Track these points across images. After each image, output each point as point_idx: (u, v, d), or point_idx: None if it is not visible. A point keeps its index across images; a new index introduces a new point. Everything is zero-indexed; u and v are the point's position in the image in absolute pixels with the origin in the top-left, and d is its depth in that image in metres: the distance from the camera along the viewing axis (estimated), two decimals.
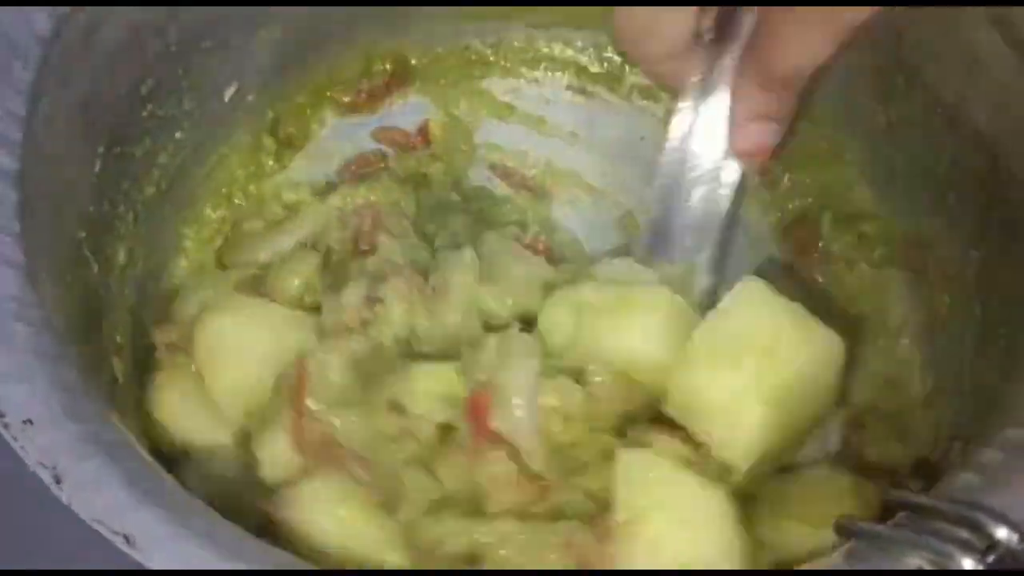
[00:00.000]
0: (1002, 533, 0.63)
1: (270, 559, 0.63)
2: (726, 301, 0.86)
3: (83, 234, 0.87)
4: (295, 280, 0.98)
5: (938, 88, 0.94)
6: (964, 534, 0.63)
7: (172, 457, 0.89)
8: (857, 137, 1.06)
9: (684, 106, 0.92)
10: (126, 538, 0.62)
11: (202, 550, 0.62)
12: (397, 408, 0.85)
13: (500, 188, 1.17)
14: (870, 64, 0.99)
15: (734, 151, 0.92)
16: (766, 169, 1.08)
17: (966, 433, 0.84)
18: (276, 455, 0.86)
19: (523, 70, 1.19)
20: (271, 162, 1.13)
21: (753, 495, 0.84)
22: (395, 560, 0.81)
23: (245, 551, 0.63)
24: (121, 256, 0.95)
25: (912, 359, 1.00)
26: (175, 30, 0.94)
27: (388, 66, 1.16)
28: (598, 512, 0.80)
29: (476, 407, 0.83)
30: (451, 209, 1.11)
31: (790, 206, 1.12)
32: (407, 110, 1.17)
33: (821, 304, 0.93)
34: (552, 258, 1.06)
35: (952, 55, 0.91)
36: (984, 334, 0.90)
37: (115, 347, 0.91)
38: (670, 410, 0.85)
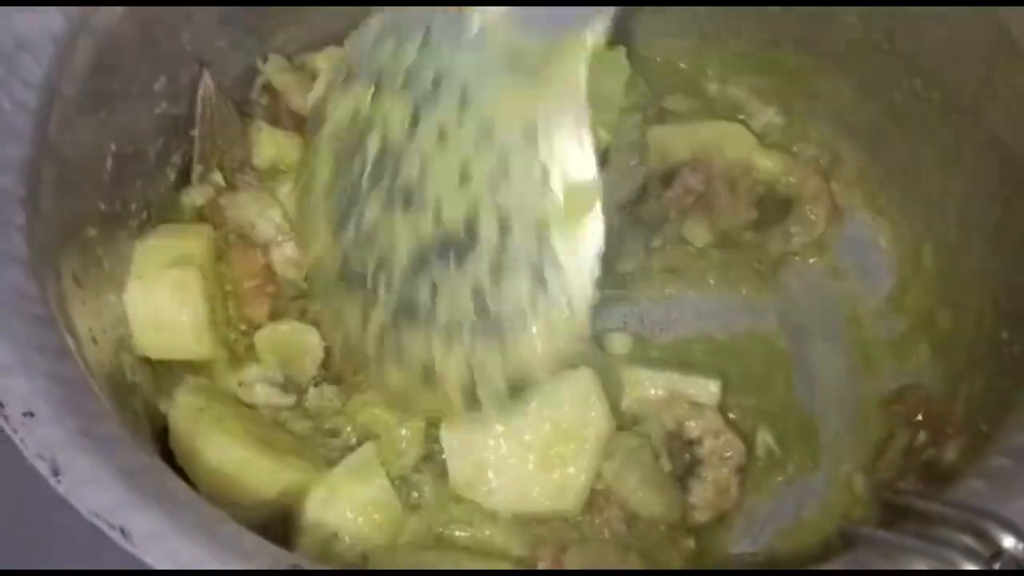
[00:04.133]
0: (1008, 542, 0.62)
1: (266, 555, 0.63)
2: None
3: (94, 232, 0.87)
4: None
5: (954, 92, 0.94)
6: (969, 541, 0.62)
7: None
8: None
9: None
10: (123, 531, 0.62)
11: (197, 546, 0.62)
12: None
13: None
14: (884, 67, 0.99)
15: None
16: None
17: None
18: None
19: None
20: None
21: None
22: None
23: (241, 547, 0.63)
24: None
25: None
26: (188, 31, 0.95)
27: None
28: None
29: None
30: None
31: None
32: None
33: None
34: None
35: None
36: (999, 342, 0.89)
37: (126, 346, 0.92)
38: None
